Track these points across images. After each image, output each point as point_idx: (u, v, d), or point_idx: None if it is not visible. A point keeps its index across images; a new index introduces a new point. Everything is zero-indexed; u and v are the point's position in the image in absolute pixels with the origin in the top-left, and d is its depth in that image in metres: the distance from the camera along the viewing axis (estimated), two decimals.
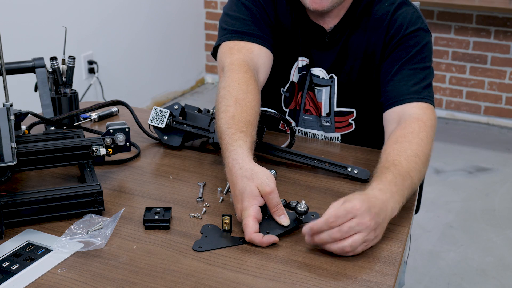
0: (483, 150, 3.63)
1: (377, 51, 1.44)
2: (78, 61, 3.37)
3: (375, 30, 1.44)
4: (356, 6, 1.44)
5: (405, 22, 1.41)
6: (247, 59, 1.37)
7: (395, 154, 1.21)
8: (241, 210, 1.08)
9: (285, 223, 1.08)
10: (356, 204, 1.02)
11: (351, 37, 1.46)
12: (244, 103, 1.25)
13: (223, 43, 1.43)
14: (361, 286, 0.97)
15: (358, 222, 1.01)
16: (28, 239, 1.08)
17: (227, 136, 1.18)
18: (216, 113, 1.27)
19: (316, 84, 1.51)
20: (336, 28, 1.46)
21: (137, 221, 1.14)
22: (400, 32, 1.41)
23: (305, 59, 1.50)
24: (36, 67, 1.48)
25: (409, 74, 1.38)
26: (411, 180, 1.17)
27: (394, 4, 1.44)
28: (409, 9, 1.44)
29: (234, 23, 1.44)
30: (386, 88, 1.40)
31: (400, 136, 1.26)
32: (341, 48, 1.47)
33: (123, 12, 3.71)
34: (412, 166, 1.19)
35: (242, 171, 1.10)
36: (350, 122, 1.54)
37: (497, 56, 3.83)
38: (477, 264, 2.52)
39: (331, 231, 1.01)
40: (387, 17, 1.43)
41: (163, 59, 4.15)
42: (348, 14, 1.45)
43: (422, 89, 1.37)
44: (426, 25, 1.44)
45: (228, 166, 1.14)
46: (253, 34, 1.42)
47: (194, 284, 0.96)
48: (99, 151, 1.24)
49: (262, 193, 1.08)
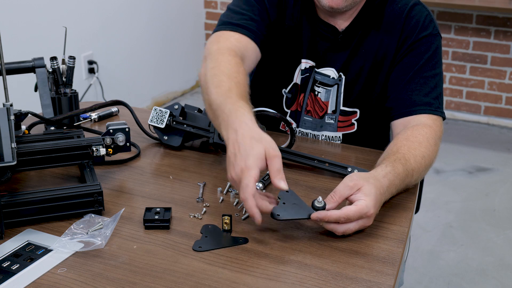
0: (483, 150, 3.63)
1: (389, 53, 1.45)
2: (78, 61, 3.37)
3: (388, 32, 1.44)
4: (369, 6, 1.45)
5: (418, 26, 1.43)
6: (234, 47, 1.36)
7: (406, 149, 1.25)
8: (242, 168, 1.04)
9: (284, 187, 1.06)
10: (370, 209, 1.07)
11: (363, 37, 1.46)
12: (237, 80, 1.24)
13: (215, 33, 1.44)
14: (361, 286, 0.97)
15: (363, 224, 1.08)
16: (28, 239, 1.08)
17: (228, 104, 1.15)
18: (205, 88, 1.24)
19: (324, 84, 1.51)
20: (349, 28, 1.46)
21: (137, 221, 1.14)
22: (413, 35, 1.42)
23: (310, 62, 1.50)
24: (36, 67, 1.48)
25: (421, 83, 1.40)
26: (410, 178, 1.23)
27: (408, 6, 1.44)
28: (423, 12, 1.45)
29: (232, 16, 1.44)
30: (398, 96, 1.42)
31: (412, 136, 1.30)
32: (353, 48, 1.47)
33: (123, 12, 3.71)
34: (417, 166, 1.24)
35: (252, 132, 1.08)
36: (352, 122, 1.54)
37: (497, 56, 3.83)
38: (477, 264, 2.52)
39: (339, 227, 1.07)
40: (400, 19, 1.43)
41: (163, 59, 4.15)
42: (361, 15, 1.45)
43: (433, 100, 1.39)
44: (437, 28, 1.45)
45: (232, 126, 1.10)
46: (246, 27, 1.42)
47: (194, 284, 0.96)
48: (99, 151, 1.24)
49: (268, 155, 1.05)
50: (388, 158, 1.23)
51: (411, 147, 1.26)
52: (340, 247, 1.07)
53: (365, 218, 1.08)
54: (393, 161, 1.21)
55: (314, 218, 1.06)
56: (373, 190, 1.09)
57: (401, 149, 1.25)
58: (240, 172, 1.05)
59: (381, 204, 1.13)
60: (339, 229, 1.07)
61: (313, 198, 1.14)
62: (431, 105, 1.39)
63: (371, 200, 1.08)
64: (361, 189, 1.09)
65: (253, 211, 1.04)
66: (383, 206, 1.18)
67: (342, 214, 1.05)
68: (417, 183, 1.31)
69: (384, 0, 1.46)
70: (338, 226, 1.07)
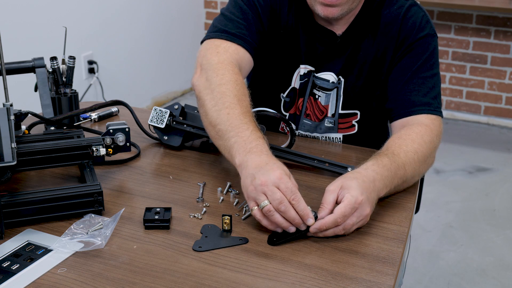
0: (483, 150, 3.63)
1: (388, 55, 1.45)
2: (78, 61, 3.37)
3: (386, 34, 1.45)
4: (366, 10, 1.45)
5: (415, 27, 1.43)
6: (234, 60, 1.36)
7: (396, 147, 1.27)
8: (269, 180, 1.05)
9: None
10: (358, 197, 1.07)
11: (361, 41, 1.46)
12: (246, 105, 1.25)
13: (210, 39, 1.43)
14: (361, 286, 0.97)
15: (359, 215, 1.08)
16: (28, 239, 1.08)
17: (245, 131, 1.17)
18: (214, 106, 1.24)
19: (323, 88, 1.51)
20: (347, 33, 1.46)
21: (137, 221, 1.14)
22: (410, 37, 1.43)
23: (308, 66, 1.50)
24: (36, 67, 1.48)
25: (419, 84, 1.41)
26: (404, 171, 1.22)
27: (404, 7, 1.45)
28: (419, 13, 1.45)
29: (227, 23, 1.43)
30: (397, 97, 1.43)
31: (405, 134, 1.32)
32: (351, 52, 1.47)
33: (123, 12, 3.71)
34: (408, 160, 1.24)
35: (275, 163, 1.10)
36: (353, 123, 1.54)
37: (497, 56, 3.83)
38: (477, 264, 2.52)
39: (337, 229, 1.07)
40: (397, 21, 1.44)
41: (163, 59, 4.15)
42: (358, 19, 1.45)
43: (432, 100, 1.40)
44: (433, 29, 1.46)
45: (252, 153, 1.13)
46: (242, 37, 1.41)
47: (194, 284, 0.96)
48: (99, 151, 1.24)
49: None
50: (374, 155, 1.24)
51: (402, 144, 1.27)
52: (340, 247, 1.07)
53: (360, 208, 1.07)
54: (378, 155, 1.23)
55: (313, 231, 1.07)
56: (353, 181, 1.10)
57: (391, 147, 1.27)
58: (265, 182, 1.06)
59: (373, 191, 1.12)
60: (340, 229, 1.07)
61: (313, 198, 1.15)
62: (430, 105, 1.39)
63: (355, 189, 1.08)
64: (342, 186, 1.10)
65: (306, 211, 1.06)
66: (383, 206, 1.18)
67: (337, 215, 1.06)
68: (417, 183, 1.31)
69: (381, 3, 1.46)
70: (338, 228, 1.07)
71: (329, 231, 1.07)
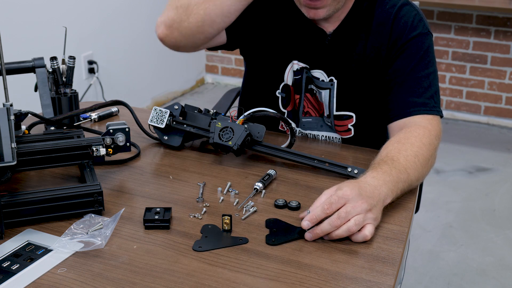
0: (483, 150, 3.63)
1: (381, 56, 1.43)
2: (78, 61, 3.37)
3: (378, 34, 1.43)
4: (357, 9, 1.43)
5: (407, 26, 1.41)
6: None
7: (395, 152, 1.26)
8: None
9: None
10: (346, 191, 1.08)
11: (353, 41, 1.45)
12: None
13: None
14: (361, 286, 0.97)
15: (352, 206, 1.07)
16: (28, 239, 1.08)
17: None
18: None
19: (317, 86, 1.51)
20: (337, 31, 1.45)
21: (137, 221, 1.14)
22: (402, 37, 1.41)
23: (301, 63, 1.49)
24: (36, 67, 1.48)
25: (414, 84, 1.40)
26: (407, 175, 1.21)
27: (396, 7, 1.42)
28: (411, 12, 1.43)
29: None
30: (393, 99, 1.42)
31: (403, 138, 1.30)
32: (342, 51, 1.46)
33: (123, 12, 3.71)
34: (410, 164, 1.23)
35: None
36: (349, 127, 1.54)
37: (497, 56, 3.83)
38: (477, 264, 2.52)
39: (330, 219, 1.06)
40: (388, 21, 1.42)
41: (163, 59, 4.15)
42: (349, 17, 1.44)
43: (428, 99, 1.39)
44: (427, 27, 1.43)
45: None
46: None
47: (194, 284, 0.96)
48: (99, 151, 1.24)
49: None
50: (372, 164, 1.23)
51: (401, 149, 1.26)
52: (340, 247, 1.07)
53: (351, 200, 1.07)
54: (376, 164, 1.22)
55: (308, 237, 1.08)
56: (348, 183, 1.12)
57: (390, 153, 1.25)
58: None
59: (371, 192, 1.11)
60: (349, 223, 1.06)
61: (313, 198, 1.14)
62: (426, 105, 1.38)
63: (345, 186, 1.10)
64: (337, 188, 1.11)
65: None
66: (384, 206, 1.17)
67: (322, 200, 1.08)
68: None
69: (373, 2, 1.44)
70: (338, 230, 1.06)
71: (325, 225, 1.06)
